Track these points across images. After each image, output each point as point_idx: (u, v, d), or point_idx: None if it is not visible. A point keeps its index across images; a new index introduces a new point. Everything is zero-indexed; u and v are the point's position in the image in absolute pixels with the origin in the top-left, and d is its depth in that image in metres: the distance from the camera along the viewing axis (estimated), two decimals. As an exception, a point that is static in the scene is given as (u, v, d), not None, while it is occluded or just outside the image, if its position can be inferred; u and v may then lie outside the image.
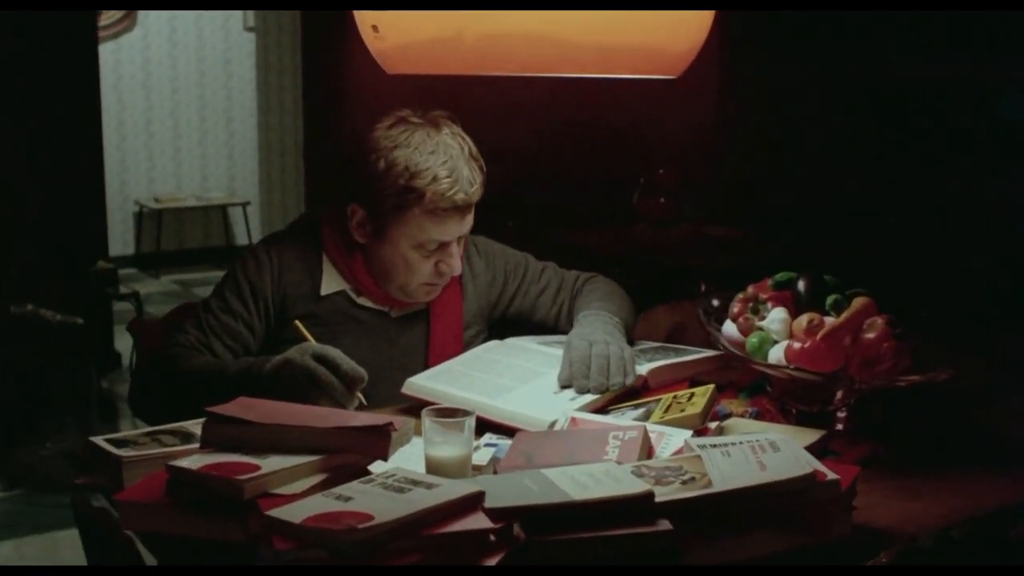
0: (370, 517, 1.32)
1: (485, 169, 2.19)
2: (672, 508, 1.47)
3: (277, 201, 6.55)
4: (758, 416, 2.03)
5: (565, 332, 2.37)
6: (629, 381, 2.04)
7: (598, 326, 2.20)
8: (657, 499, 1.46)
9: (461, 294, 2.36)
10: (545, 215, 4.72)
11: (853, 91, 4.01)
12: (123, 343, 5.91)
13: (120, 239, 7.98)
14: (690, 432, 1.79)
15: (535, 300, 2.44)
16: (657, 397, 2.01)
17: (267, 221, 6.70)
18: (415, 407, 2.13)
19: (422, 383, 2.12)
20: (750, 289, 2.06)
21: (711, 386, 1.98)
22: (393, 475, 1.47)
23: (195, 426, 1.85)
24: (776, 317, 1.97)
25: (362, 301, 2.26)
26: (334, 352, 1.96)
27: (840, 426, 2.01)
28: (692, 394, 1.96)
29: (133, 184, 8.26)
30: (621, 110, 4.78)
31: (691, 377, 2.18)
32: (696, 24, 1.85)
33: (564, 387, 2.05)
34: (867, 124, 4.13)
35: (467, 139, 2.18)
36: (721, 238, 4.50)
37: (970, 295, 3.11)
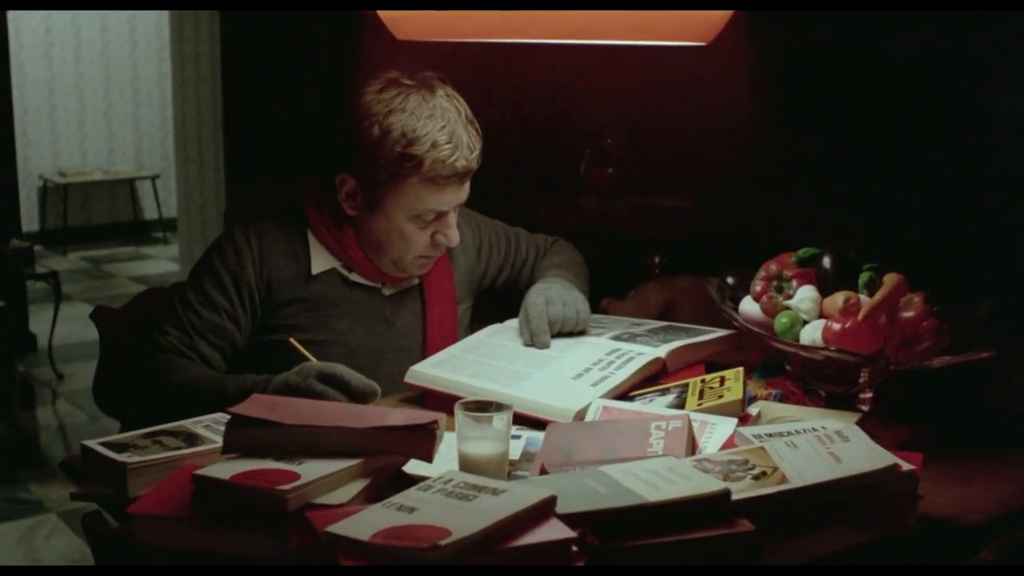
0: (447, 532, 1.19)
1: (481, 133, 2.06)
2: (749, 506, 1.37)
3: (195, 174, 6.29)
4: (782, 398, 1.95)
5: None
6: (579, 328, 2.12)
7: (554, 283, 2.17)
8: (733, 497, 1.37)
9: (451, 266, 2.23)
10: (486, 184, 4.59)
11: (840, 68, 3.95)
12: (38, 324, 5.66)
13: (25, 215, 7.62)
14: (735, 420, 1.69)
15: (520, 271, 2.35)
16: (681, 381, 1.92)
17: (184, 195, 6.43)
18: (416, 396, 2.02)
19: (426, 371, 1.99)
20: (772, 266, 1.96)
21: (740, 369, 1.89)
22: (451, 480, 1.35)
23: (196, 425, 1.71)
24: (805, 296, 1.89)
25: (354, 278, 2.12)
26: (340, 369, 1.82)
27: (865, 407, 1.94)
28: (722, 378, 1.86)
29: (36, 158, 7.92)
30: (566, 75, 4.67)
31: (707, 358, 2.08)
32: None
33: (526, 345, 2.06)
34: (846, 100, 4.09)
35: (462, 101, 2.05)
36: (671, 209, 4.42)
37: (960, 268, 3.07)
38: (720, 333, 2.12)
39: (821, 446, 1.49)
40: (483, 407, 1.61)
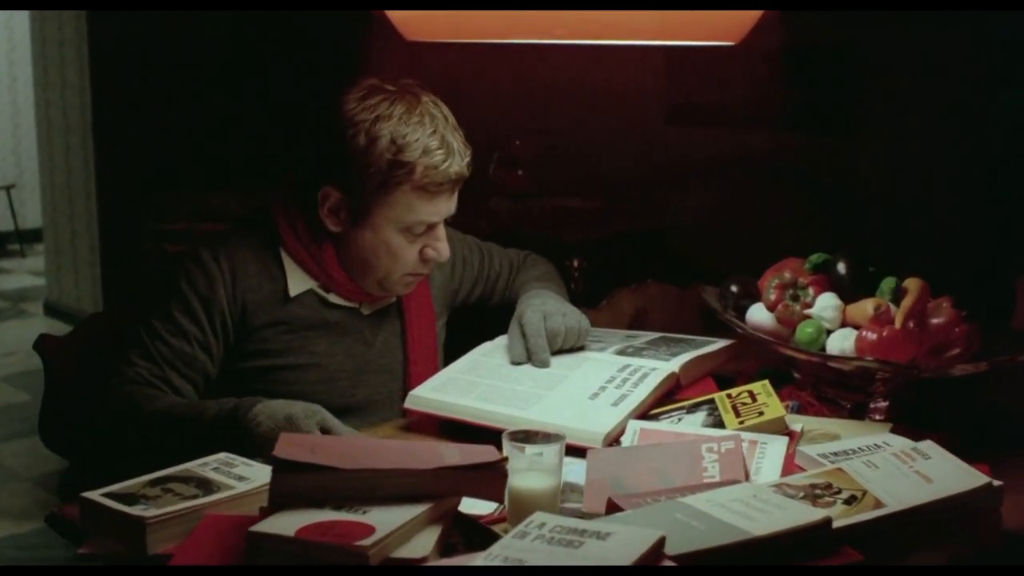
0: (574, 586, 1.08)
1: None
2: (849, 533, 1.30)
3: (61, 183, 5.95)
4: (799, 410, 1.88)
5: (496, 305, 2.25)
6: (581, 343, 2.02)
7: (546, 297, 2.07)
8: (834, 525, 1.29)
9: (428, 282, 2.11)
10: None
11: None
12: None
13: None
14: (784, 439, 1.62)
15: (494, 286, 2.24)
16: (702, 397, 1.83)
17: (50, 205, 6.09)
18: (410, 422, 1.90)
19: (428, 396, 1.86)
20: (786, 274, 1.90)
21: (766, 382, 1.81)
22: (544, 524, 1.23)
23: (204, 469, 1.55)
24: (828, 304, 1.83)
25: (333, 299, 1.98)
26: (336, 426, 1.71)
27: (879, 416, 1.88)
28: (750, 392, 1.78)
29: None
30: (469, 76, 4.56)
31: (713, 370, 2.01)
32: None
33: (516, 363, 1.95)
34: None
35: (446, 108, 1.93)
36: (581, 210, 4.37)
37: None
38: (723, 343, 2.04)
39: (903, 465, 1.43)
40: (530, 437, 1.50)
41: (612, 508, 1.40)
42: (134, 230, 4.29)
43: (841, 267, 1.89)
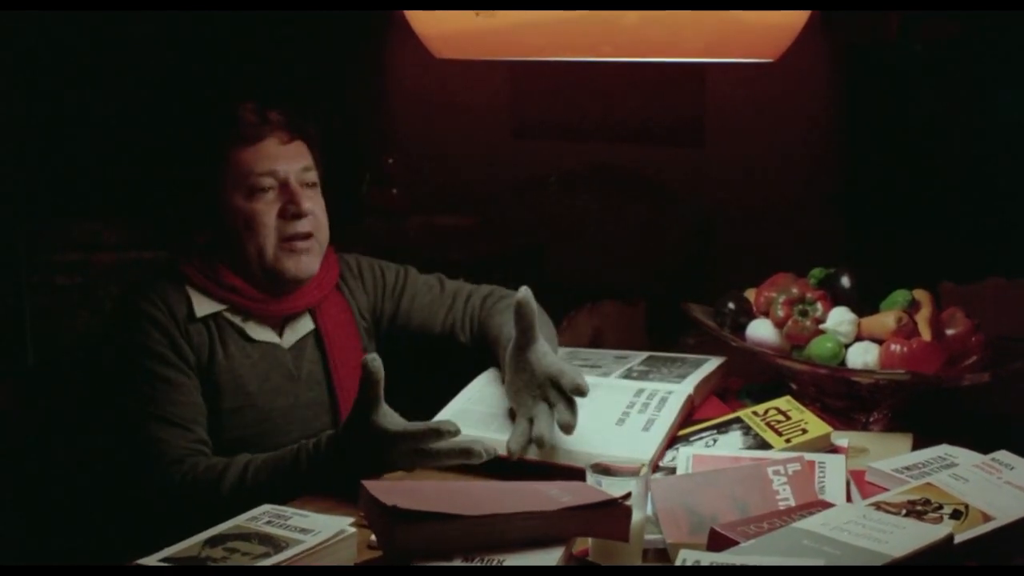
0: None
1: None
2: (970, 548, 1.31)
3: None
4: (809, 424, 1.90)
5: (462, 343, 2.08)
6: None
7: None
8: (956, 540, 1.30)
9: (348, 308, 2.03)
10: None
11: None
12: None
13: None
14: (842, 457, 1.62)
15: (428, 311, 2.10)
16: (725, 417, 1.82)
17: None
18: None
19: (444, 430, 1.78)
20: (794, 289, 1.91)
21: (788, 397, 1.82)
22: (698, 560, 1.19)
23: (255, 523, 1.45)
24: (843, 318, 1.85)
25: (253, 332, 1.90)
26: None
27: (879, 427, 1.92)
28: (776, 409, 1.78)
29: None
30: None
31: (715, 388, 2.00)
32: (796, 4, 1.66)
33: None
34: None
35: None
36: (456, 228, 4.31)
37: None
38: (717, 360, 2.03)
39: (991, 476, 1.44)
40: (610, 470, 1.45)
41: (719, 539, 1.36)
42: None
43: (846, 280, 1.91)
